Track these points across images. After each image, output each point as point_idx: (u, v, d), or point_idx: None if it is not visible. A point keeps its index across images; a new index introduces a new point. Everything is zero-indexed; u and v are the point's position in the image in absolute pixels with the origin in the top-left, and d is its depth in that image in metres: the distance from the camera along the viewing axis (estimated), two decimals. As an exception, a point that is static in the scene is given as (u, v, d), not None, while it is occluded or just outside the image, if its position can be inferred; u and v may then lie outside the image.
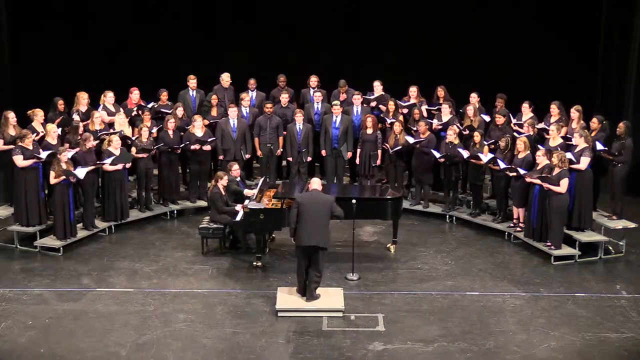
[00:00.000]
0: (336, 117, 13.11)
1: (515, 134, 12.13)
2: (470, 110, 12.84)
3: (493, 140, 12.16)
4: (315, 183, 9.52)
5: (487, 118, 12.95)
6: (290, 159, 13.36)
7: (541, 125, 12.32)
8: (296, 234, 9.32)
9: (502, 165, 11.46)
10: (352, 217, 10.24)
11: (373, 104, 13.63)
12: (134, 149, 12.11)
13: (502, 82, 14.07)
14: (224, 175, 11.25)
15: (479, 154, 11.83)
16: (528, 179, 11.03)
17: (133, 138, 12.31)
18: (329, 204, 9.37)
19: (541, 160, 10.95)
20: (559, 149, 11.14)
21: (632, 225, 11.50)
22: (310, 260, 9.36)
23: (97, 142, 11.89)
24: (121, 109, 12.92)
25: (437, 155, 12.23)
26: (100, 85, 13.17)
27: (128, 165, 11.91)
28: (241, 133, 13.06)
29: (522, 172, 11.10)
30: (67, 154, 11.05)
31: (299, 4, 15.42)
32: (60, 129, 11.84)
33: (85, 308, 9.51)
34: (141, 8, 15.44)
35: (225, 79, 13.93)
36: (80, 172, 11.04)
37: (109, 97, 12.94)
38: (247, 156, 13.30)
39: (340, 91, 13.84)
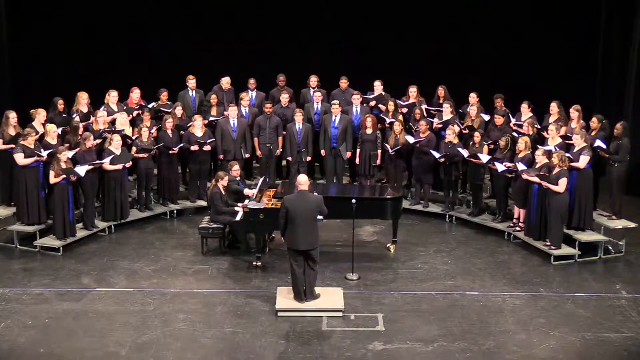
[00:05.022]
0: (335, 116, 13.11)
1: (514, 134, 12.14)
2: (472, 110, 12.85)
3: (493, 141, 12.16)
4: (303, 184, 9.33)
5: (487, 117, 12.95)
6: (290, 159, 13.36)
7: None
8: (287, 237, 9.29)
9: (500, 167, 11.44)
10: (352, 217, 10.24)
11: (372, 103, 13.64)
12: (134, 149, 12.12)
13: (502, 82, 14.08)
14: (224, 175, 11.24)
15: (479, 154, 11.83)
16: (524, 176, 11.04)
17: (133, 138, 12.32)
18: (318, 205, 9.31)
19: (540, 159, 10.96)
20: (558, 149, 11.16)
21: (632, 225, 11.51)
22: (305, 259, 9.34)
23: (99, 141, 11.91)
24: (124, 108, 12.96)
25: (437, 155, 12.23)
26: (100, 85, 13.18)
27: (128, 165, 11.92)
28: (241, 133, 13.06)
29: (520, 168, 11.10)
30: (67, 153, 11.06)
31: (299, 3, 15.42)
32: (60, 129, 11.84)
33: (85, 308, 9.51)
34: (141, 8, 15.44)
35: (225, 82, 13.93)
36: (81, 170, 11.04)
37: (112, 97, 12.95)
38: (247, 155, 13.30)
39: (342, 84, 13.85)
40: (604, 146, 11.35)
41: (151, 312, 9.41)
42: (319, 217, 9.41)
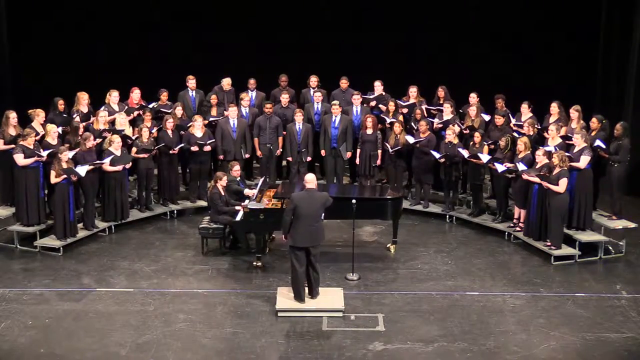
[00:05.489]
0: (335, 116, 13.11)
1: (515, 134, 12.15)
2: (472, 110, 12.86)
3: (493, 141, 12.16)
4: (311, 182, 9.38)
5: (487, 117, 12.96)
6: (290, 159, 13.36)
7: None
8: (291, 234, 9.27)
9: (499, 168, 11.44)
10: (352, 217, 10.24)
11: (372, 103, 13.64)
12: (134, 149, 12.12)
13: (502, 82, 14.07)
14: (223, 175, 11.24)
15: (479, 154, 11.83)
16: (525, 176, 11.04)
17: (133, 138, 12.32)
18: (324, 203, 9.34)
19: (541, 159, 10.97)
20: (558, 149, 11.16)
21: (632, 225, 11.51)
22: (308, 257, 9.35)
23: (99, 140, 11.91)
24: (125, 107, 12.97)
25: (437, 155, 12.23)
26: (100, 85, 13.18)
27: (128, 166, 11.93)
28: (241, 133, 13.06)
29: (520, 168, 11.10)
30: (68, 153, 11.07)
31: (299, 3, 15.42)
32: (60, 129, 11.84)
33: (85, 308, 9.51)
34: (142, 8, 15.45)
35: (226, 83, 13.93)
36: (82, 170, 11.05)
37: (113, 97, 12.95)
38: (247, 155, 13.31)
39: (342, 84, 13.85)
40: (603, 146, 11.35)
41: (151, 312, 9.41)
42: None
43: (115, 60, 15.28)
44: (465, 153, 12.08)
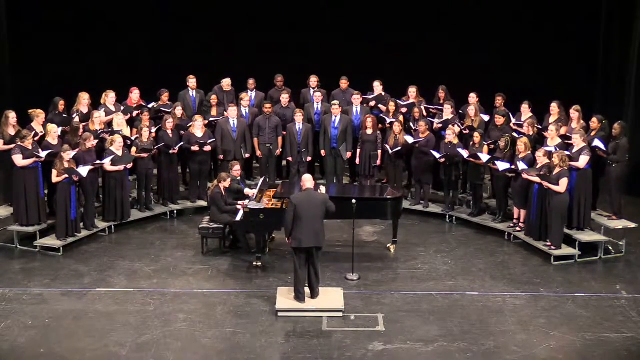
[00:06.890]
0: (335, 116, 13.11)
1: (515, 133, 12.15)
2: (471, 110, 12.86)
3: (493, 141, 12.16)
4: (308, 181, 9.43)
5: (486, 117, 12.96)
6: (289, 158, 13.36)
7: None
8: (293, 235, 9.29)
9: (501, 166, 11.44)
10: (352, 217, 10.24)
11: (372, 103, 13.64)
12: (134, 149, 12.12)
13: (502, 82, 14.07)
14: (227, 177, 11.23)
15: (479, 154, 11.83)
16: (525, 176, 11.04)
17: (132, 138, 12.32)
18: (324, 203, 9.36)
19: (541, 160, 10.96)
20: (558, 149, 11.16)
21: (632, 225, 11.50)
22: (308, 260, 9.37)
23: (97, 141, 11.90)
24: (122, 108, 12.95)
25: (437, 155, 12.23)
26: (100, 86, 13.17)
27: (129, 166, 11.93)
28: (241, 133, 13.06)
29: (521, 167, 11.10)
30: (70, 153, 11.07)
31: (300, 3, 15.42)
32: (60, 129, 11.84)
33: (85, 308, 9.51)
34: (142, 8, 15.45)
35: (226, 84, 13.93)
36: (83, 171, 11.05)
37: (110, 97, 12.94)
38: (247, 155, 13.31)
39: (342, 84, 13.84)
40: (602, 146, 11.35)
41: (151, 312, 9.41)
42: None
43: (115, 60, 15.27)
44: (465, 153, 12.08)
